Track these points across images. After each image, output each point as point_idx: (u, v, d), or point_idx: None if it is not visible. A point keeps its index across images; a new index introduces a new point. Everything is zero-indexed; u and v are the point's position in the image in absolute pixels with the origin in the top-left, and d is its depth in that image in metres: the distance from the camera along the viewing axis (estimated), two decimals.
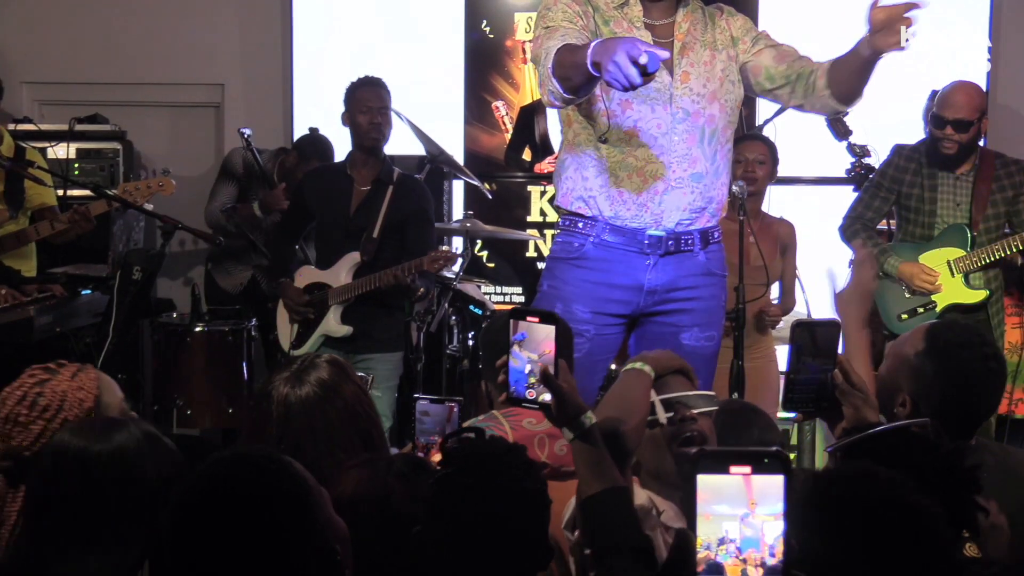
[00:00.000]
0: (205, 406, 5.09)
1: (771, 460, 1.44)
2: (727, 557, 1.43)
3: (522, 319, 2.11)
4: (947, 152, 4.56)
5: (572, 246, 3.36)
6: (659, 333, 3.33)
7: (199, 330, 5.10)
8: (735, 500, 1.43)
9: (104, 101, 6.43)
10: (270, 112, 6.41)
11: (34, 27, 6.54)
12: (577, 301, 3.28)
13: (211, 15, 6.50)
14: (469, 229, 5.23)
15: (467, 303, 5.22)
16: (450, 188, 6.18)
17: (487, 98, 6.27)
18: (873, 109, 5.67)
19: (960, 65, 6.07)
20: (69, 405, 2.27)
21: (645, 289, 3.32)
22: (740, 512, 1.42)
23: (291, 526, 1.68)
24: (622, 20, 3.27)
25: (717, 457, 1.45)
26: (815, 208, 6.03)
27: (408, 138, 5.28)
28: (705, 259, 3.37)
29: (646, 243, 3.30)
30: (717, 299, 3.41)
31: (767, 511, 1.43)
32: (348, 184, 4.60)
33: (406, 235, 4.52)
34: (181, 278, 6.47)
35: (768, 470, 1.43)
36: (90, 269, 5.36)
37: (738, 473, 1.43)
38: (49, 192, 5.04)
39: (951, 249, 4.58)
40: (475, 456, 1.84)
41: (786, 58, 3.32)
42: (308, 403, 2.34)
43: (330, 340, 4.56)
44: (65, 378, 2.31)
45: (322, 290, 4.58)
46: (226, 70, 6.51)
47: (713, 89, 3.29)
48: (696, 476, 1.43)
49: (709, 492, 1.44)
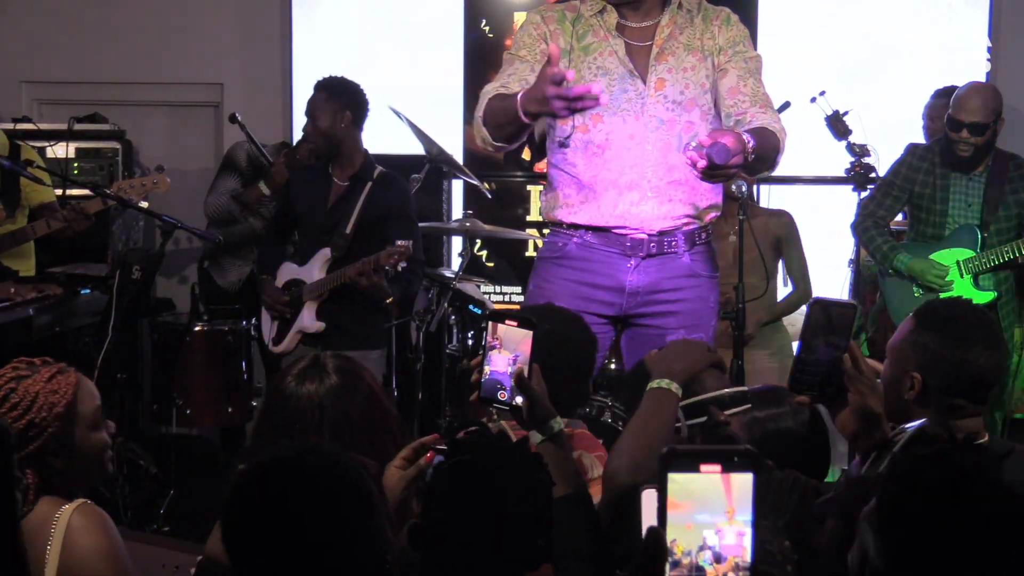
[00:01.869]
0: (204, 405, 5.08)
1: (741, 458, 1.45)
2: (706, 564, 1.46)
3: (500, 322, 2.11)
4: (963, 155, 4.55)
5: (556, 245, 3.37)
6: (646, 336, 3.32)
7: (199, 329, 5.09)
8: (715, 508, 1.45)
9: (103, 100, 6.43)
10: (270, 112, 6.41)
11: (34, 27, 6.53)
12: (560, 299, 3.24)
13: (211, 15, 6.49)
14: (469, 228, 5.23)
15: (467, 303, 5.22)
16: (449, 188, 6.18)
17: None
18: (873, 109, 5.69)
19: (960, 65, 6.08)
20: (38, 407, 2.24)
21: (627, 291, 3.31)
22: (719, 519, 1.45)
23: (356, 526, 1.66)
24: (600, 28, 3.25)
25: (688, 455, 1.46)
26: (815, 208, 6.04)
27: (408, 137, 5.27)
28: (690, 260, 3.33)
29: (628, 245, 3.29)
30: (704, 300, 3.37)
31: (744, 518, 1.46)
32: (327, 181, 4.62)
33: (387, 232, 4.51)
34: (180, 277, 6.47)
35: (738, 468, 1.45)
36: (89, 268, 5.35)
37: (709, 472, 1.45)
38: (48, 191, 5.04)
39: (961, 250, 4.57)
40: (488, 446, 1.84)
41: (737, 95, 3.22)
42: (335, 395, 2.30)
43: (307, 336, 4.56)
44: (42, 379, 2.28)
45: (299, 286, 4.59)
46: (226, 70, 6.50)
47: (692, 96, 3.24)
48: (667, 474, 1.45)
49: (686, 496, 1.46)
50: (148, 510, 4.82)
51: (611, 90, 3.21)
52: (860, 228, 4.75)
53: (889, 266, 4.61)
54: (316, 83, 4.69)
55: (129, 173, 5.93)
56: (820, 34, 6.27)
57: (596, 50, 3.24)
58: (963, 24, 6.22)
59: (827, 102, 5.23)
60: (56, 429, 2.26)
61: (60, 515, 2.21)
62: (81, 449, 2.30)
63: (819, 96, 5.26)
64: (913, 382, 2.49)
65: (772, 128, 3.09)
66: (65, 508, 2.23)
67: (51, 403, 2.26)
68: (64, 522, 2.20)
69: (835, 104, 5.23)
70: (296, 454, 1.71)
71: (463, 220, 5.31)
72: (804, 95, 5.21)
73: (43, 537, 2.19)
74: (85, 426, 2.31)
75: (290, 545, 1.63)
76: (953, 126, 4.54)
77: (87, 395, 2.33)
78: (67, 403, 2.27)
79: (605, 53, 3.23)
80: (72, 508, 2.23)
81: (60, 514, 2.21)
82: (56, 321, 4.76)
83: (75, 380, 2.32)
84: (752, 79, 3.24)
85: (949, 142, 4.57)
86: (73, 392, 2.29)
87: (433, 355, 5.17)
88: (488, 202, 5.97)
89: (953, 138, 4.54)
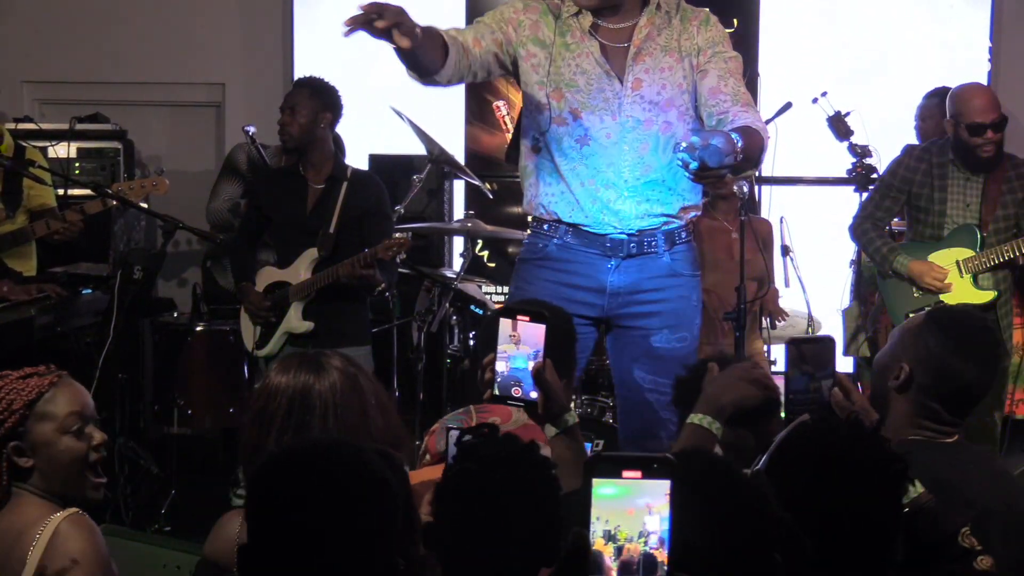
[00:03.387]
0: (205, 406, 5.09)
1: (660, 465, 1.58)
2: (649, 549, 1.58)
3: (512, 318, 2.11)
4: (987, 156, 4.47)
5: (536, 247, 3.35)
6: (630, 337, 3.31)
7: (200, 330, 5.10)
8: (654, 493, 1.58)
9: (104, 100, 6.43)
10: (270, 112, 6.38)
11: (34, 27, 6.54)
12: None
13: (211, 15, 6.50)
14: (470, 229, 5.23)
15: (468, 303, 5.22)
16: (451, 188, 6.18)
17: (488, 98, 6.27)
18: (875, 109, 5.69)
19: (961, 65, 6.07)
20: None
21: (608, 291, 3.29)
22: (657, 504, 1.58)
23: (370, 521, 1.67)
24: (576, 29, 3.26)
25: (611, 461, 1.60)
26: (815, 208, 6.04)
27: (409, 138, 5.28)
28: (670, 260, 3.31)
29: (608, 246, 3.28)
30: (686, 299, 3.35)
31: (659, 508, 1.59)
32: (301, 184, 4.61)
33: (364, 230, 4.52)
34: (181, 278, 6.47)
35: (657, 475, 1.57)
36: (90, 268, 5.35)
37: (630, 477, 1.57)
38: (48, 192, 5.04)
39: (960, 249, 4.56)
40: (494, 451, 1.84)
41: (718, 95, 3.21)
42: (337, 390, 2.29)
43: (293, 338, 4.56)
44: (14, 377, 2.30)
45: (283, 288, 4.58)
46: (226, 70, 6.51)
47: (670, 96, 3.23)
48: (591, 479, 1.56)
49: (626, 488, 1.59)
50: (149, 510, 4.83)
51: (588, 90, 3.22)
52: (859, 230, 4.74)
53: (888, 268, 4.60)
54: (299, 80, 4.71)
55: (130, 173, 5.94)
56: (821, 35, 6.27)
57: (576, 50, 3.25)
58: (964, 24, 6.22)
59: (828, 103, 5.23)
60: (12, 423, 2.26)
61: (50, 521, 2.21)
62: (50, 452, 2.29)
63: (820, 97, 5.26)
64: (901, 372, 2.53)
65: (756, 127, 3.08)
66: (56, 515, 2.23)
67: (10, 399, 2.26)
68: (52, 527, 2.20)
69: (837, 105, 5.23)
70: (317, 445, 1.72)
71: (464, 220, 5.31)
72: (805, 96, 5.21)
73: (28, 539, 2.20)
74: (54, 428, 2.29)
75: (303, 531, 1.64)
76: (975, 131, 4.44)
77: (64, 399, 2.31)
78: (28, 400, 2.27)
79: (583, 54, 3.25)
80: (63, 515, 2.23)
81: (50, 520, 2.22)
82: (57, 321, 4.76)
83: (51, 382, 2.31)
84: (732, 79, 3.23)
85: (965, 150, 4.50)
86: (40, 392, 2.28)
87: (434, 355, 5.17)
88: (489, 202, 5.97)
89: (976, 143, 4.45)
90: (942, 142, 4.63)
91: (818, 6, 6.29)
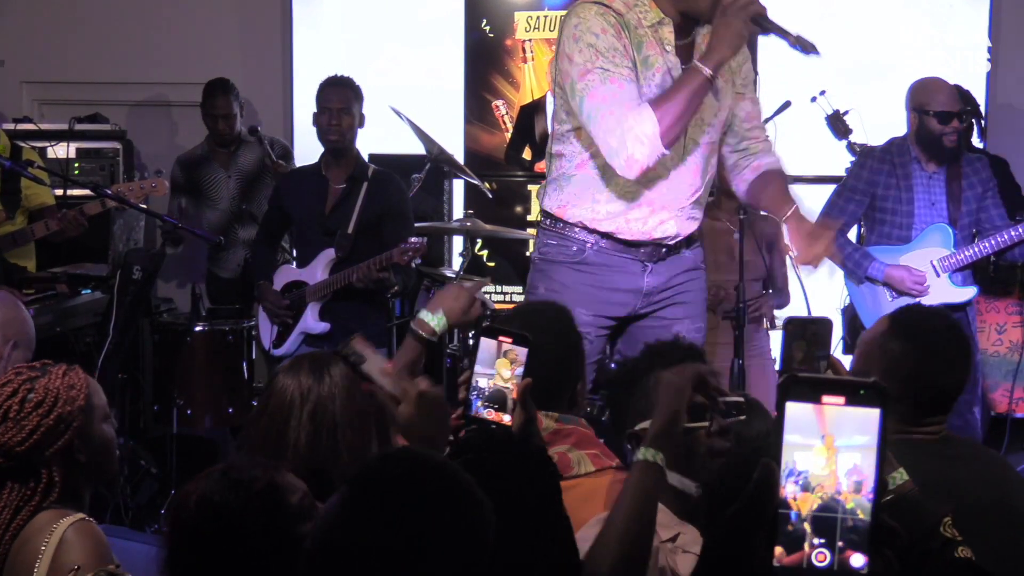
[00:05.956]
0: (205, 406, 5.08)
1: (867, 392, 1.32)
2: (794, 489, 1.33)
3: (494, 338, 2.05)
4: (952, 145, 4.54)
5: (571, 250, 3.31)
6: (653, 327, 3.34)
7: (199, 329, 5.09)
8: (807, 430, 1.33)
9: (104, 101, 6.44)
10: (270, 111, 6.41)
11: (34, 27, 6.54)
12: (580, 305, 3.17)
13: (211, 14, 6.50)
14: (469, 228, 5.23)
15: None
16: (450, 187, 6.18)
17: (487, 97, 6.27)
18: (874, 108, 5.69)
19: (960, 65, 6.07)
20: (63, 403, 2.26)
21: (643, 292, 3.34)
22: (812, 442, 1.32)
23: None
24: (654, 42, 3.10)
25: (810, 384, 1.33)
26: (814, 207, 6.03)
27: (408, 137, 5.28)
28: (691, 255, 3.41)
29: (644, 252, 3.31)
30: (702, 292, 3.47)
31: (844, 442, 1.32)
32: (323, 184, 4.63)
33: (383, 231, 4.52)
34: (181, 278, 6.47)
35: (863, 402, 1.32)
36: (90, 269, 5.36)
37: (831, 404, 1.32)
38: (47, 191, 5.05)
39: (934, 249, 4.56)
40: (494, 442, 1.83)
41: (752, 120, 3.31)
42: (336, 394, 2.30)
43: (310, 338, 4.56)
44: (57, 375, 2.30)
45: (300, 288, 4.59)
46: (227, 70, 6.49)
47: (722, 118, 3.26)
48: (785, 404, 1.32)
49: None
50: (148, 510, 4.83)
51: None
52: None
53: (863, 275, 4.59)
54: (335, 79, 4.67)
55: (130, 174, 5.94)
56: (820, 33, 6.24)
57: (654, 65, 3.11)
58: (963, 24, 6.22)
59: (827, 101, 5.24)
60: (80, 422, 2.28)
61: (57, 527, 2.21)
62: (99, 442, 2.33)
63: (819, 95, 5.26)
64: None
65: (779, 166, 3.30)
66: (63, 521, 2.22)
67: (72, 396, 2.27)
68: (59, 535, 2.20)
69: (835, 103, 5.23)
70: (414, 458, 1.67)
71: (464, 220, 5.31)
72: (804, 94, 5.21)
73: (36, 547, 2.20)
74: (100, 418, 2.34)
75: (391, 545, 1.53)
76: (944, 119, 4.50)
77: (98, 390, 2.36)
78: (85, 395, 2.29)
79: (663, 70, 3.11)
80: (69, 522, 2.22)
81: (57, 526, 2.21)
82: (57, 321, 4.77)
83: (84, 375, 2.34)
84: (758, 105, 3.35)
85: (931, 139, 4.54)
86: (87, 386, 2.32)
87: (434, 355, 5.17)
88: (489, 202, 5.97)
89: (944, 131, 4.51)
90: (900, 141, 4.66)
91: (818, 5, 6.28)
